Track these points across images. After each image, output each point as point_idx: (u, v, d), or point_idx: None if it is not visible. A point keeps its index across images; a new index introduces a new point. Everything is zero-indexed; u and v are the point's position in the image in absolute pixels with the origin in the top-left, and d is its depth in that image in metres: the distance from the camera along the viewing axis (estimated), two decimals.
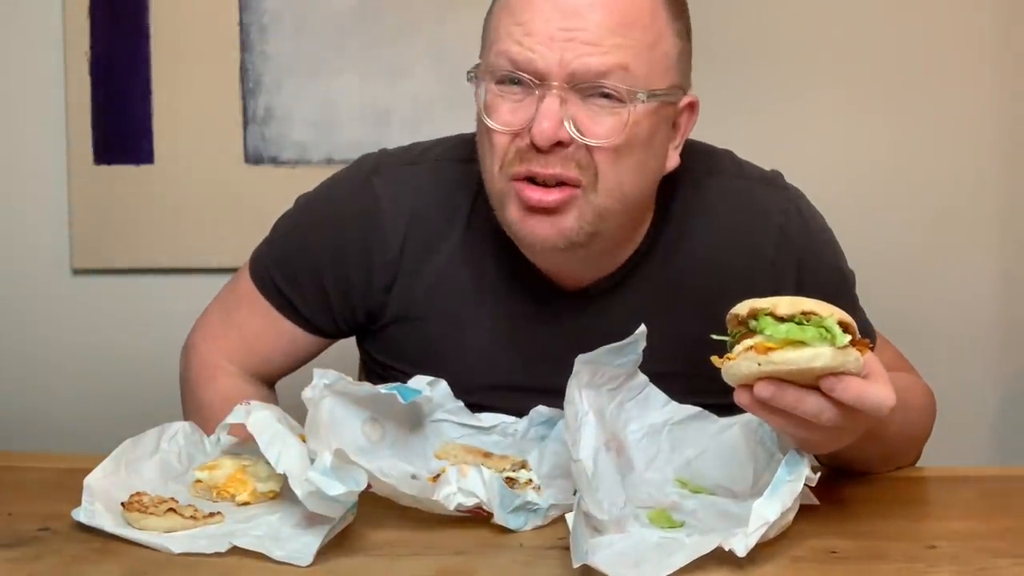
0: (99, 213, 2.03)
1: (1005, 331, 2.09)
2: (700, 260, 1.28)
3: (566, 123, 1.12)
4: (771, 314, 0.97)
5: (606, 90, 1.13)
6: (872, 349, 1.02)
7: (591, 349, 1.10)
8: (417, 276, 1.29)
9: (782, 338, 0.95)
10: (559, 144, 1.12)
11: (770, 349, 0.95)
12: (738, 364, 0.97)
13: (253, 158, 2.03)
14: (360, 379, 1.51)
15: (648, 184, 1.21)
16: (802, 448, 1.03)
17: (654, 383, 1.17)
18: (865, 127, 2.03)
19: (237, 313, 1.38)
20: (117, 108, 2.01)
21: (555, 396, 1.11)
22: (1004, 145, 2.05)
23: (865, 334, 1.29)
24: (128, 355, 2.06)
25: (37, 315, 2.07)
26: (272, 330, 1.35)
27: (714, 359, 1.00)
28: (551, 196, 1.14)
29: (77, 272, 2.06)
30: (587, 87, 1.13)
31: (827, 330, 0.95)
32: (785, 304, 0.97)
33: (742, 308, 0.99)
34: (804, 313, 0.96)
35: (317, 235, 1.32)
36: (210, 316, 1.41)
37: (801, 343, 0.95)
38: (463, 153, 1.29)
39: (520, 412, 1.24)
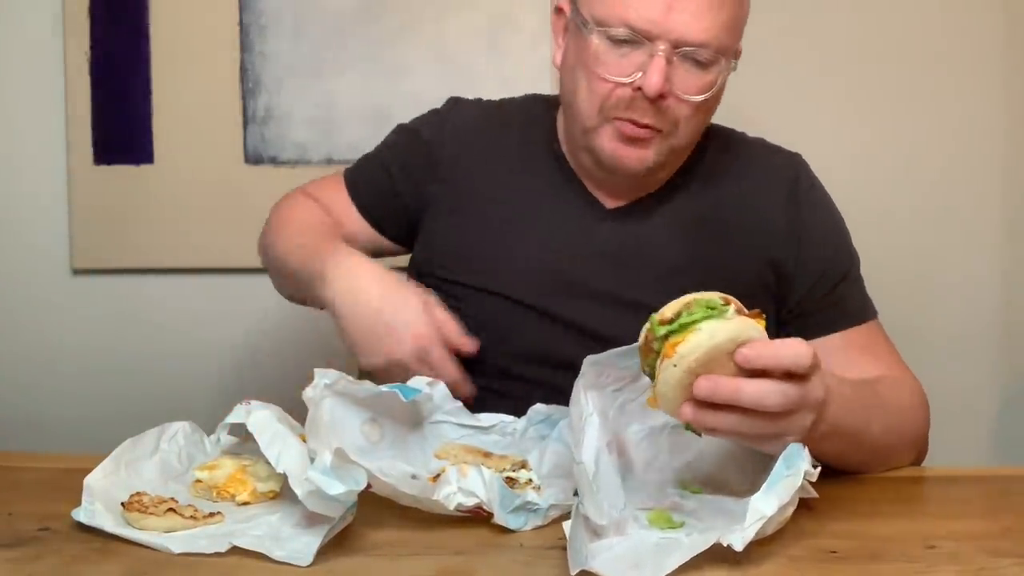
0: (99, 213, 2.03)
1: (1005, 331, 2.09)
2: (725, 200, 1.42)
3: (669, 81, 1.28)
4: (661, 321, 1.00)
5: (701, 58, 1.29)
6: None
7: (625, 260, 1.36)
8: (475, 169, 1.46)
9: (677, 332, 0.99)
10: (660, 97, 1.29)
11: (676, 346, 0.98)
12: (662, 380, 1.00)
13: (253, 158, 2.03)
14: None
15: (709, 121, 1.40)
16: (773, 451, 1.03)
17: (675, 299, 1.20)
18: (866, 127, 2.04)
19: (326, 192, 1.55)
20: (117, 108, 2.01)
21: (589, 299, 1.36)
22: (1006, 145, 2.06)
23: (864, 309, 1.40)
24: (128, 355, 2.06)
25: (37, 315, 2.07)
26: (351, 223, 1.52)
27: (647, 401, 1.03)
28: (644, 132, 1.32)
29: (77, 272, 2.07)
30: (686, 52, 1.28)
31: (710, 307, 0.99)
32: (669, 307, 1.01)
33: (641, 341, 1.03)
34: (687, 304, 1.00)
35: (398, 139, 1.54)
36: (318, 186, 1.57)
37: (694, 325, 0.98)
38: (532, 97, 1.54)
39: (558, 316, 1.38)
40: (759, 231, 1.39)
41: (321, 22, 2.01)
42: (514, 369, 1.38)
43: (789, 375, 1.01)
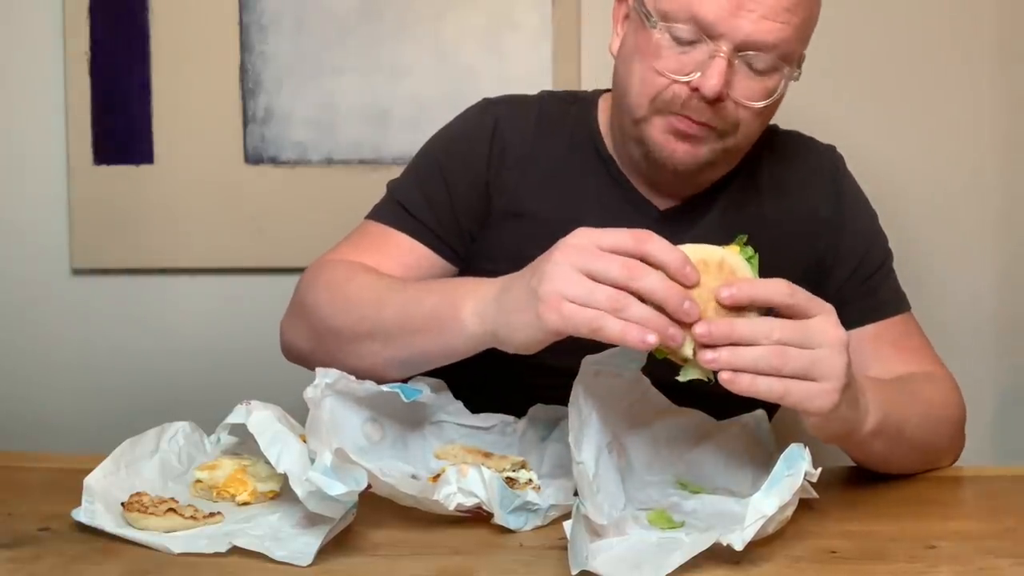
0: (99, 213, 2.03)
1: (1004, 330, 2.09)
2: (770, 193, 1.42)
3: (728, 84, 1.24)
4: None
5: (763, 63, 1.25)
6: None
7: None
8: (524, 174, 1.40)
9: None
10: (716, 99, 1.25)
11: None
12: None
13: (253, 158, 2.03)
14: None
15: (766, 125, 1.36)
16: (814, 407, 1.02)
17: None
18: (863, 124, 2.03)
19: (366, 250, 1.38)
20: (117, 108, 2.01)
21: None
22: (1003, 142, 2.06)
23: (898, 302, 1.42)
24: (128, 355, 2.06)
25: (37, 315, 2.07)
26: (403, 255, 1.39)
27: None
28: (698, 129, 1.28)
29: (77, 272, 2.07)
30: (748, 56, 1.24)
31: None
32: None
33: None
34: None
35: (442, 150, 1.44)
36: (335, 251, 1.40)
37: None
38: (565, 96, 1.49)
39: None
40: (803, 222, 1.40)
41: (321, 22, 2.01)
42: (555, 381, 1.32)
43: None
